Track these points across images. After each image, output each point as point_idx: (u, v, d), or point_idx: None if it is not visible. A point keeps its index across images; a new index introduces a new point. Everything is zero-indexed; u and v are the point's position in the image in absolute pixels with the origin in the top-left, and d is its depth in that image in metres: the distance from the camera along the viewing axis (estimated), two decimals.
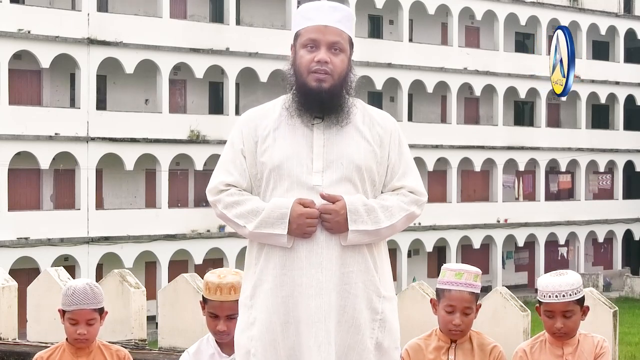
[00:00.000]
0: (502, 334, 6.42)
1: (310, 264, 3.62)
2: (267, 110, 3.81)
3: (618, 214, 50.89)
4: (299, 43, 3.75)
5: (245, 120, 3.81)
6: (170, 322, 8.00)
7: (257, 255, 3.75)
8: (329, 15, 3.72)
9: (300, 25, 3.77)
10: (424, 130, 44.11)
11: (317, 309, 3.61)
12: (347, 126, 3.70)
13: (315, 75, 3.66)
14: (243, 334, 3.76)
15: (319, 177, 3.65)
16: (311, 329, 3.61)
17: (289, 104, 3.73)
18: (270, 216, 3.62)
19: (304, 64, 3.69)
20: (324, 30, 3.70)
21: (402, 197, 3.74)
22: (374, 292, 3.71)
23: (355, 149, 3.69)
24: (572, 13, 49.61)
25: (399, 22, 44.60)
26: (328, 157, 3.66)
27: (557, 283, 4.37)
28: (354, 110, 3.74)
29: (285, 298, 3.65)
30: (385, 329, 3.74)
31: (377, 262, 3.75)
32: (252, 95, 40.15)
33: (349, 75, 3.73)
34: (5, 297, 8.35)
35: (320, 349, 3.61)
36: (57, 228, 34.06)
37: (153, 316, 24.68)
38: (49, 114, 34.65)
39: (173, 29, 37.43)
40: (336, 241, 3.64)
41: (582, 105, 50.22)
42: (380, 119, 3.80)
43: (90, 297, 4.52)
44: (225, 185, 3.73)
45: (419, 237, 43.16)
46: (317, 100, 3.66)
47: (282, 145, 3.69)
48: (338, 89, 3.68)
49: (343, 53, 3.71)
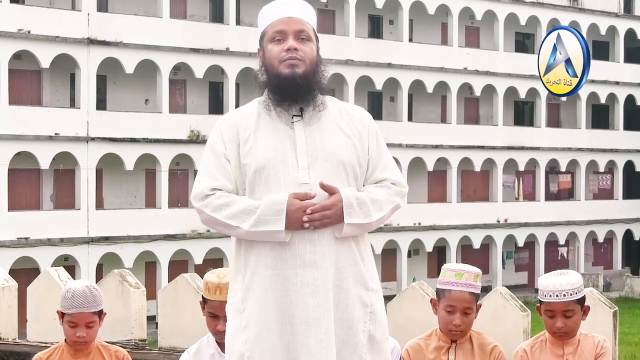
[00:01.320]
0: (502, 334, 6.42)
1: (304, 262, 3.61)
2: (245, 113, 3.81)
3: (618, 214, 50.90)
4: (266, 39, 3.78)
5: (224, 124, 3.78)
6: (170, 322, 7.99)
7: (246, 257, 3.72)
8: (292, 9, 3.76)
9: (265, 23, 3.81)
10: (424, 130, 44.12)
11: (315, 307, 3.60)
12: (326, 122, 3.71)
13: (288, 62, 3.68)
14: (236, 337, 3.71)
15: (306, 174, 3.64)
16: (310, 327, 3.59)
17: (265, 99, 3.74)
18: (265, 214, 3.60)
19: (274, 55, 3.71)
20: (289, 20, 3.74)
21: (387, 190, 3.75)
22: (363, 286, 3.72)
23: (337, 144, 3.70)
24: (572, 13, 49.61)
25: (399, 22, 44.60)
26: (312, 154, 3.66)
27: (558, 283, 4.37)
28: (329, 103, 3.76)
29: (279, 298, 3.63)
30: (376, 322, 3.75)
31: (364, 256, 3.76)
32: (252, 95, 39.33)
33: (320, 65, 3.75)
34: (5, 297, 8.35)
35: (321, 347, 3.59)
36: (57, 228, 34.06)
37: (153, 316, 24.68)
38: (49, 114, 34.65)
39: (173, 29, 37.44)
40: (329, 237, 3.63)
41: (582, 105, 50.24)
42: (356, 114, 3.82)
43: (90, 301, 4.50)
44: (211, 190, 3.68)
45: (419, 237, 43.16)
46: (293, 86, 3.66)
47: (265, 145, 3.67)
48: (311, 74, 3.70)
49: (310, 42, 3.74)
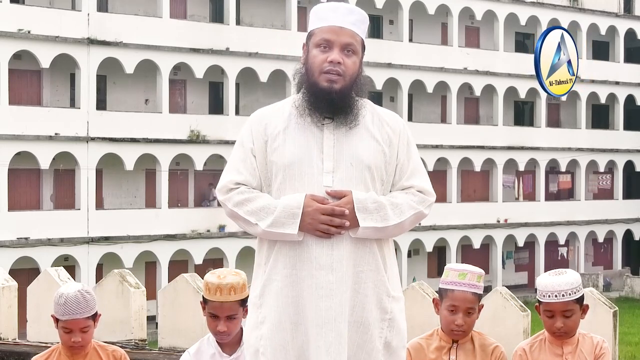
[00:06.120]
0: (502, 334, 6.42)
1: (319, 265, 3.63)
2: (277, 110, 3.81)
3: (618, 214, 50.89)
4: (312, 42, 3.75)
5: (255, 120, 3.81)
6: (170, 322, 7.99)
7: (267, 254, 3.74)
8: (344, 17, 3.73)
9: (315, 24, 3.77)
10: (424, 130, 44.09)
11: (327, 310, 3.62)
12: (356, 126, 3.72)
13: (327, 75, 3.67)
14: (252, 332, 3.75)
15: (330, 177, 3.66)
16: (321, 329, 3.61)
17: (299, 103, 3.73)
18: (282, 216, 3.63)
19: (316, 63, 3.70)
20: (339, 31, 3.71)
21: (412, 196, 3.75)
22: (384, 292, 3.73)
23: (365, 148, 3.70)
24: (572, 13, 49.60)
25: (399, 22, 44.60)
26: (338, 157, 3.68)
27: (557, 283, 4.37)
28: (363, 111, 3.75)
29: (295, 298, 3.66)
30: (394, 329, 3.76)
31: (387, 263, 3.77)
32: (252, 95, 40.16)
33: (359, 77, 3.75)
34: (5, 297, 8.35)
35: (330, 350, 3.61)
36: (57, 228, 34.05)
37: (153, 316, 24.66)
38: (49, 114, 34.64)
39: (173, 29, 37.43)
40: (347, 241, 3.65)
41: (582, 105, 50.22)
42: (389, 120, 3.82)
43: (83, 306, 4.46)
44: (235, 184, 3.73)
45: (419, 237, 43.15)
46: (328, 100, 3.67)
47: (292, 145, 3.69)
48: (348, 90, 3.70)
49: (355, 55, 3.73)
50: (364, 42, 3.79)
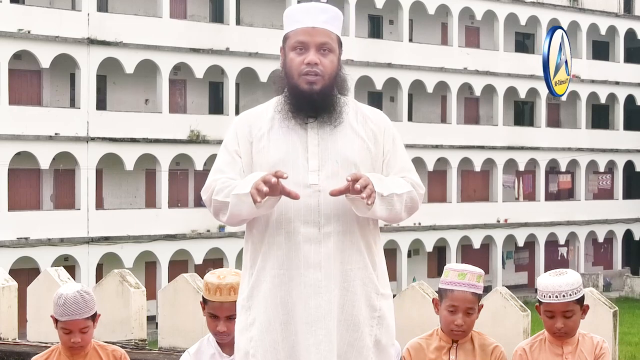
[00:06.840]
0: (502, 334, 6.42)
1: (308, 264, 3.63)
2: (261, 112, 3.83)
3: (618, 214, 50.90)
4: (288, 46, 3.75)
5: (239, 122, 3.84)
6: (170, 322, 8.00)
7: (254, 256, 3.75)
8: (317, 17, 3.73)
9: (289, 27, 3.77)
10: (424, 130, 44.11)
11: (316, 308, 3.62)
12: (340, 124, 3.73)
13: (306, 77, 3.68)
14: (242, 335, 3.76)
15: (315, 175, 3.66)
16: (310, 328, 3.62)
17: (282, 106, 3.75)
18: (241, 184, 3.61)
19: (294, 66, 3.71)
20: (312, 32, 3.71)
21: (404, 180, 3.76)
22: (373, 290, 3.74)
23: (349, 146, 3.71)
24: (572, 13, 49.61)
25: (399, 22, 44.60)
26: (323, 156, 3.68)
27: (557, 283, 4.36)
28: (346, 109, 3.76)
29: (284, 298, 3.66)
30: (383, 326, 3.77)
31: (375, 260, 3.77)
32: (252, 95, 40.15)
33: (339, 75, 3.75)
34: (5, 297, 8.35)
35: (320, 348, 3.61)
36: (57, 228, 34.06)
37: (153, 316, 24.68)
38: (49, 114, 34.65)
39: (173, 29, 37.44)
40: (335, 239, 3.65)
41: (582, 105, 50.23)
42: (373, 117, 3.83)
43: (82, 307, 4.45)
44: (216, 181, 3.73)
45: (419, 237, 43.16)
46: (309, 102, 3.68)
47: (278, 145, 3.70)
48: (329, 90, 3.71)
49: (332, 53, 3.73)
50: (340, 39, 3.79)
